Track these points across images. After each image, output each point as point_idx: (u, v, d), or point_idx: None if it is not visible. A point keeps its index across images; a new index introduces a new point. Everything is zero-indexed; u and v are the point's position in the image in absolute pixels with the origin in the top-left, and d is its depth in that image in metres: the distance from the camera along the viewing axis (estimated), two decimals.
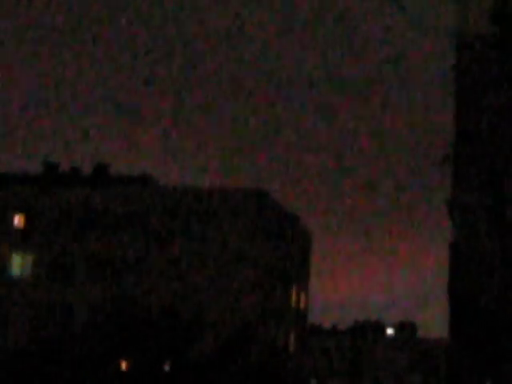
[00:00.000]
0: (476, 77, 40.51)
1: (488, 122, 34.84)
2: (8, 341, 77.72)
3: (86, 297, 76.53)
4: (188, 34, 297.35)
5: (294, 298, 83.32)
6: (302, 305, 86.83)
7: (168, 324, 71.50)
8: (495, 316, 31.97)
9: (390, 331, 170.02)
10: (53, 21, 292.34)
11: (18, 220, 78.53)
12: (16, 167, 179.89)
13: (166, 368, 70.70)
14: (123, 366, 71.11)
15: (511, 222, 30.65)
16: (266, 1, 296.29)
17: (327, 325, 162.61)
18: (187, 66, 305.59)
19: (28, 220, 78.89)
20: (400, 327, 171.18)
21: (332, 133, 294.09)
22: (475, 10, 37.36)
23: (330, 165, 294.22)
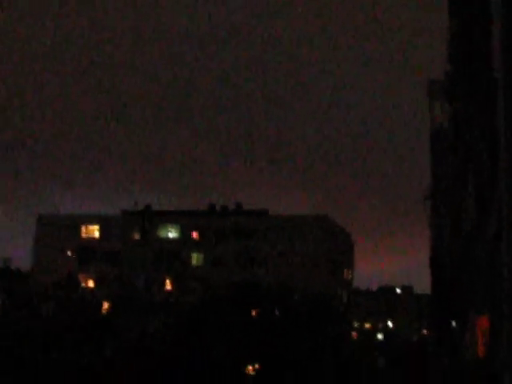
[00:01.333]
0: (445, 125, 42.71)
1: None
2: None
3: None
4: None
5: (345, 273, 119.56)
6: (350, 277, 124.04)
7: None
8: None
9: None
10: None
11: None
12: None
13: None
14: None
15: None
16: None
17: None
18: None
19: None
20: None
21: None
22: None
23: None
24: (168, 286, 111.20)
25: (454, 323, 47.10)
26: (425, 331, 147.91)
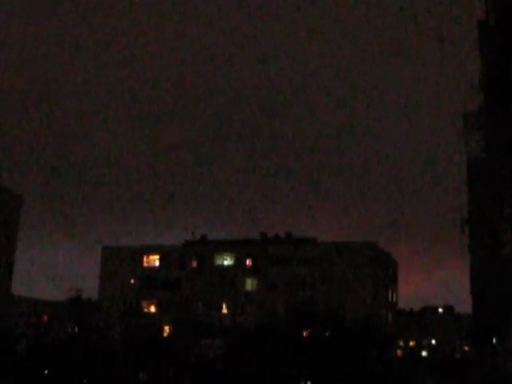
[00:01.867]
0: (480, 154, 41.91)
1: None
2: None
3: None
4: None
5: (390, 295, 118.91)
6: (394, 299, 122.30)
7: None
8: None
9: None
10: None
11: None
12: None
13: None
14: None
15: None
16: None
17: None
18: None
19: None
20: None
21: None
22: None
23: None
24: (224, 309, 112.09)
25: (494, 340, 48.52)
26: (466, 348, 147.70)
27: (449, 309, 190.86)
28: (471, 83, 35.84)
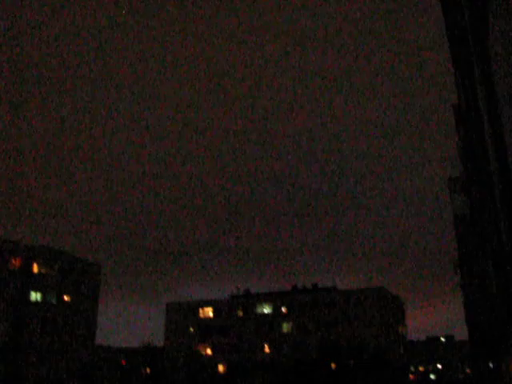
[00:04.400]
0: (464, 210, 40.65)
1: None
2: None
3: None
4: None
5: (400, 330, 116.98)
6: (403, 332, 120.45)
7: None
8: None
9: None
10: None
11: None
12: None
13: None
14: None
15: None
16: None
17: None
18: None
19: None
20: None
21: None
22: None
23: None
24: (266, 349, 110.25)
25: (490, 364, 46.23)
26: (468, 370, 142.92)
27: (450, 337, 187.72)
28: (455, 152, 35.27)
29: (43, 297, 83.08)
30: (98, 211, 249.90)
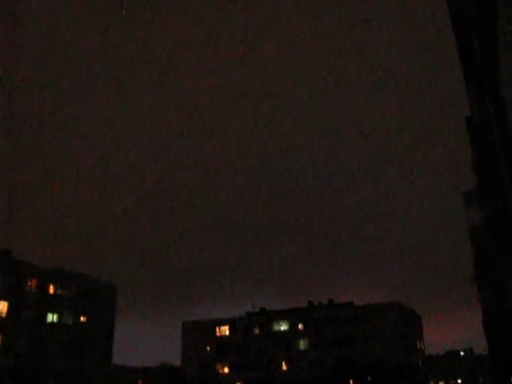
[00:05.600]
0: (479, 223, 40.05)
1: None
2: None
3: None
4: None
5: (418, 345, 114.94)
6: (422, 346, 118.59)
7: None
8: None
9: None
10: None
11: None
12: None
13: None
14: None
15: None
16: None
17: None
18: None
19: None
20: None
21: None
22: None
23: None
24: (284, 366, 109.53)
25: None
26: None
27: (469, 351, 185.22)
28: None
29: (59, 318, 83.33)
30: (112, 232, 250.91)
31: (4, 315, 75.04)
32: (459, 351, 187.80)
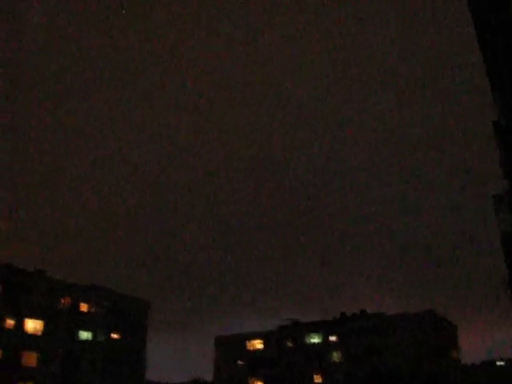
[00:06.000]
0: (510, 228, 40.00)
1: None
2: None
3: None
4: None
5: (453, 354, 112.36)
6: (457, 356, 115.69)
7: None
8: None
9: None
10: None
11: None
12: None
13: None
14: None
15: None
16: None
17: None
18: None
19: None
20: None
21: None
22: None
23: None
24: (317, 379, 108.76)
25: None
26: None
27: (509, 361, 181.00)
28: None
29: (92, 335, 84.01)
30: (143, 248, 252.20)
31: (40, 333, 76.01)
32: (495, 361, 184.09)
